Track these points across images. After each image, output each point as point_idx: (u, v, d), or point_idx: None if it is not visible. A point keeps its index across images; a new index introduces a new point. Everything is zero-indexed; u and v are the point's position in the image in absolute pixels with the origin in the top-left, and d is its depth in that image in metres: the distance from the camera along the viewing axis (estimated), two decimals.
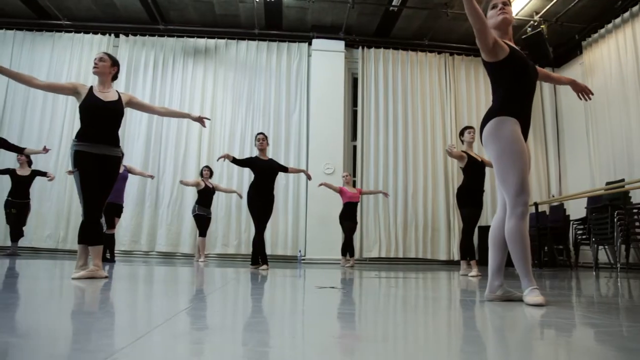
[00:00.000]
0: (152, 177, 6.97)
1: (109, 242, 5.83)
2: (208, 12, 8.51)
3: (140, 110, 3.74)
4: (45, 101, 8.59)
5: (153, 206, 8.21)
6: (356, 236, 8.06)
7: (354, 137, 9.06)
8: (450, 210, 8.70)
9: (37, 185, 7.62)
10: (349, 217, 7.18)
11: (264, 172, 5.57)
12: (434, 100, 9.14)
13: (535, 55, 7.87)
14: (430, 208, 8.71)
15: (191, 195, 7.91)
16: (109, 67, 3.48)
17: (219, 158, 5.58)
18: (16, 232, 7.06)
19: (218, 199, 7.71)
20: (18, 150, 6.46)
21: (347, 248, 7.10)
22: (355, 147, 8.97)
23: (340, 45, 8.95)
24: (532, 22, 7.97)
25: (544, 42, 7.87)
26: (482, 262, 6.08)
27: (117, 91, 3.54)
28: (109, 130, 3.38)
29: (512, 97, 2.44)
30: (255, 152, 5.89)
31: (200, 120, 4.07)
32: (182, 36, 8.96)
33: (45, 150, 6.33)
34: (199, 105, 8.65)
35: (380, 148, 8.78)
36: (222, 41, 8.98)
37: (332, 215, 7.87)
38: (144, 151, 8.37)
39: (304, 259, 8.04)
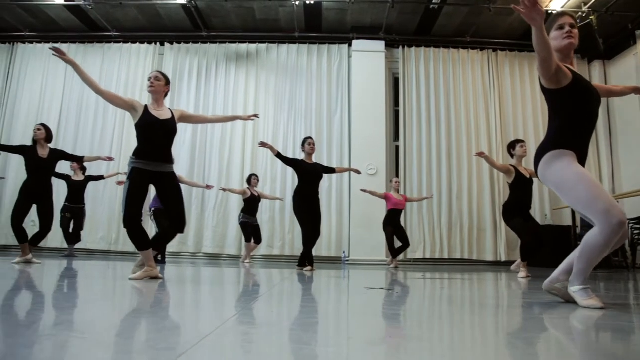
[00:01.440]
0: (209, 187, 7.12)
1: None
2: (249, 17, 8.65)
3: (193, 122, 3.80)
4: (96, 113, 9.00)
5: (199, 209, 8.42)
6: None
7: (397, 137, 8.98)
8: (496, 210, 8.47)
9: (91, 190, 7.96)
10: (393, 224, 7.08)
11: (309, 176, 5.54)
12: (477, 98, 8.95)
13: (585, 48, 7.59)
14: (476, 208, 8.53)
15: (236, 198, 8.04)
16: (163, 86, 3.61)
17: (261, 144, 5.43)
18: (74, 236, 7.37)
19: (262, 203, 7.80)
20: (77, 159, 6.66)
21: (393, 250, 7.04)
22: (397, 148, 8.90)
23: (380, 45, 8.91)
24: (580, 13, 7.68)
25: (593, 34, 7.57)
26: (543, 263, 5.89)
27: (169, 109, 3.65)
28: (164, 147, 3.51)
29: (571, 129, 2.24)
30: (300, 156, 5.87)
31: (250, 118, 4.21)
32: (225, 42, 9.15)
33: (109, 159, 6.50)
34: (241, 109, 8.80)
35: (423, 148, 8.67)
36: (263, 45, 9.12)
37: (376, 216, 7.84)
38: (189, 157, 8.60)
39: (347, 260, 8.03)
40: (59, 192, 7.71)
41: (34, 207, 5.24)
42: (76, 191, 7.32)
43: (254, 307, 2.07)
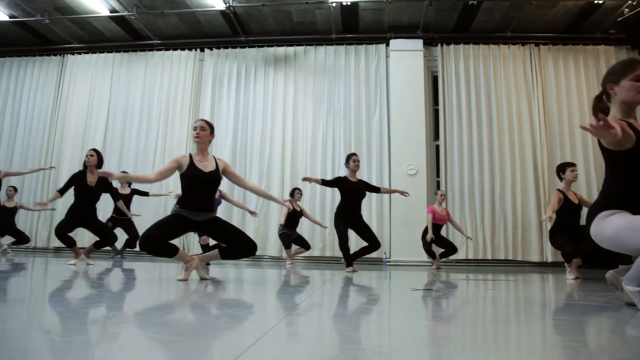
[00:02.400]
0: (254, 214, 6.28)
1: (204, 249, 6.16)
2: (286, 20, 8.74)
3: (231, 180, 3.79)
4: (141, 119, 9.32)
5: (241, 212, 8.55)
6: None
7: (436, 136, 8.86)
8: (542, 209, 8.22)
9: (136, 197, 8.24)
10: (434, 241, 6.94)
11: (353, 196, 5.49)
12: (519, 94, 8.71)
13: (634, 39, 7.26)
14: (520, 207, 8.30)
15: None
16: (208, 136, 3.64)
17: (305, 179, 5.42)
18: (129, 242, 7.59)
19: (302, 204, 7.85)
20: (116, 197, 6.82)
21: (433, 254, 6.97)
22: (437, 147, 8.78)
23: (418, 44, 8.81)
24: (629, 1, 7.36)
25: None
26: (600, 265, 5.67)
27: (214, 157, 3.70)
28: (208, 198, 3.59)
29: (630, 192, 2.06)
30: (340, 170, 5.82)
31: (284, 203, 4.13)
32: (263, 46, 9.27)
33: (172, 194, 6.76)
34: (280, 111, 8.91)
35: (464, 146, 8.52)
36: (300, 48, 9.19)
37: (416, 217, 7.78)
38: (230, 159, 8.75)
39: (389, 262, 7.98)
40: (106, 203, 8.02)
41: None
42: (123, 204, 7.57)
43: (303, 308, 2.10)
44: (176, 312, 1.92)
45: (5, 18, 8.75)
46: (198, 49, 9.49)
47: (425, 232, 6.98)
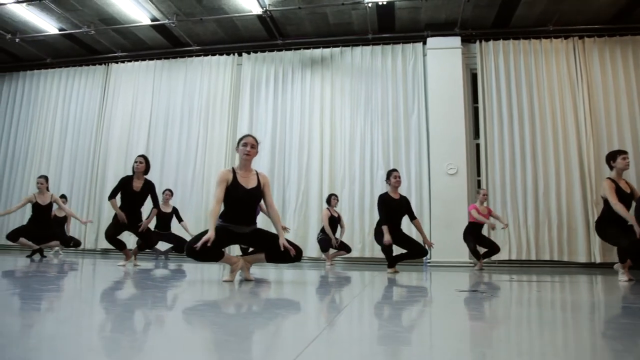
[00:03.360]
0: (286, 229, 5.82)
1: (244, 252, 6.27)
2: (322, 22, 8.78)
3: (263, 198, 3.75)
4: (182, 124, 9.58)
5: (280, 213, 8.64)
6: None
7: (477, 135, 8.70)
8: (588, 207, 7.95)
9: (178, 197, 8.47)
10: (474, 236, 6.83)
11: (394, 213, 5.49)
12: (563, 89, 8.44)
13: None
14: (565, 206, 8.04)
15: (316, 202, 8.18)
16: (256, 153, 3.69)
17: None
18: (176, 248, 7.84)
19: (341, 205, 7.87)
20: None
21: (478, 255, 6.83)
22: (478, 145, 8.62)
23: (456, 41, 8.67)
24: None
25: None
26: None
27: (256, 173, 3.74)
28: (249, 212, 3.67)
29: None
30: (379, 183, 5.79)
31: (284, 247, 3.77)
32: (299, 48, 9.35)
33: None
34: (318, 112, 8.96)
35: (505, 145, 8.32)
36: (337, 49, 9.21)
37: (456, 218, 7.67)
38: (269, 161, 8.87)
39: (429, 263, 7.89)
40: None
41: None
42: (164, 221, 7.82)
43: (350, 310, 2.11)
44: (227, 313, 1.96)
45: (55, 31, 9.18)
46: (236, 54, 9.66)
47: (467, 232, 6.86)
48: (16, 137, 10.73)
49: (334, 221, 7.27)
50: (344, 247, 7.34)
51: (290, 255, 3.58)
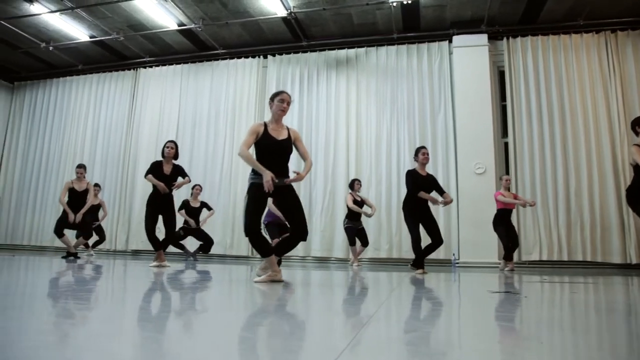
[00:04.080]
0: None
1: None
2: (347, 23, 8.78)
3: (297, 149, 3.85)
4: (209, 126, 9.74)
5: (307, 214, 8.64)
6: None
7: (505, 133, 8.56)
8: (623, 206, 7.71)
9: (206, 198, 8.59)
10: (504, 224, 6.78)
11: (422, 188, 5.45)
12: (594, 85, 8.22)
13: None
14: (598, 205, 7.82)
15: (343, 203, 8.19)
16: (287, 110, 3.79)
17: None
18: (204, 247, 8.04)
19: (366, 195, 7.85)
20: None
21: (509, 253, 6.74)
22: (506, 144, 8.48)
23: (482, 39, 8.56)
24: None
25: None
26: None
27: (287, 128, 3.83)
28: (281, 165, 3.67)
29: None
30: (406, 162, 5.80)
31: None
32: (324, 49, 9.38)
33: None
34: (344, 113, 8.97)
35: (534, 143, 8.16)
36: (361, 50, 9.20)
37: (485, 217, 7.52)
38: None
39: (457, 263, 7.81)
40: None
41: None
42: (194, 216, 7.98)
43: (383, 312, 2.10)
44: (264, 314, 1.97)
45: (87, 38, 9.44)
46: (261, 56, 9.75)
47: (496, 220, 6.80)
48: (50, 141, 11.09)
49: (359, 205, 7.33)
50: (363, 239, 7.35)
51: (299, 233, 3.63)
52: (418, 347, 1.31)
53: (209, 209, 8.18)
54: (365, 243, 7.38)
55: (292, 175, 3.71)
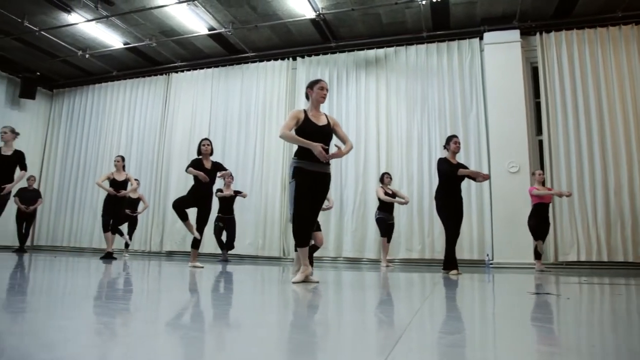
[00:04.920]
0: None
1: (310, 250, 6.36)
2: (375, 23, 8.74)
3: (337, 135, 3.95)
4: (240, 127, 9.85)
5: (338, 214, 8.70)
6: (549, 238, 7.45)
7: (539, 131, 8.36)
8: None
9: (237, 203, 8.69)
10: (539, 217, 6.69)
11: (453, 177, 5.50)
12: (634, 79, 7.92)
13: None
14: (639, 203, 7.56)
15: (373, 201, 8.16)
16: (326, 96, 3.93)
17: None
18: (228, 244, 8.15)
19: (399, 205, 7.80)
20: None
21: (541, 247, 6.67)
22: (541, 142, 8.27)
23: (515, 34, 8.37)
24: None
25: None
26: None
27: (325, 115, 3.92)
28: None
29: None
30: (437, 153, 5.80)
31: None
32: (353, 50, 9.36)
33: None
34: (374, 113, 8.94)
35: (570, 140, 7.93)
36: (391, 49, 9.14)
37: (520, 216, 7.39)
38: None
39: (491, 264, 7.67)
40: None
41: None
42: (226, 203, 8.08)
43: (426, 311, 2.08)
44: (310, 314, 1.96)
45: (121, 45, 9.71)
46: (290, 58, 9.81)
47: (531, 218, 6.82)
48: (87, 145, 11.46)
49: (390, 197, 7.41)
50: (389, 233, 7.45)
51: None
52: (463, 350, 1.29)
53: (243, 195, 8.27)
54: (389, 237, 7.47)
55: (333, 150, 3.75)
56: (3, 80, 11.05)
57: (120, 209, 7.53)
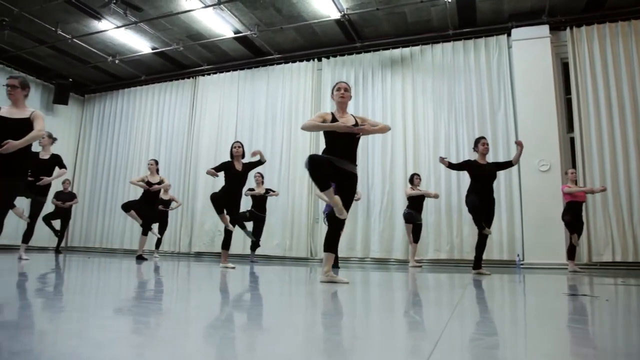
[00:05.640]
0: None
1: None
2: (400, 22, 8.69)
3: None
4: (266, 129, 9.94)
5: (365, 214, 8.68)
6: (583, 238, 7.26)
7: (570, 128, 8.16)
8: None
9: (270, 199, 8.75)
10: (573, 215, 6.65)
11: (484, 177, 5.53)
12: None
13: None
14: None
15: (401, 202, 8.13)
16: (350, 96, 3.91)
17: (442, 159, 5.76)
18: (253, 244, 8.21)
19: (427, 205, 7.74)
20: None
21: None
22: (572, 139, 8.08)
23: (544, 30, 8.20)
24: None
25: None
26: None
27: (353, 116, 3.91)
28: (349, 148, 3.72)
29: None
30: (467, 156, 5.76)
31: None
32: (378, 49, 9.33)
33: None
34: (400, 113, 8.89)
35: (604, 137, 7.72)
36: (416, 48, 9.07)
37: (551, 216, 7.25)
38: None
39: (522, 264, 7.53)
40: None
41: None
42: (260, 202, 8.14)
43: (461, 313, 2.05)
44: (343, 315, 1.95)
45: (149, 50, 9.91)
46: (315, 59, 9.85)
47: (565, 213, 6.77)
48: (117, 148, 11.76)
49: (420, 199, 7.43)
50: (417, 234, 7.46)
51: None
52: (505, 352, 1.27)
53: (274, 193, 8.34)
54: (416, 239, 7.44)
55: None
56: (38, 87, 11.41)
57: (152, 210, 7.66)
